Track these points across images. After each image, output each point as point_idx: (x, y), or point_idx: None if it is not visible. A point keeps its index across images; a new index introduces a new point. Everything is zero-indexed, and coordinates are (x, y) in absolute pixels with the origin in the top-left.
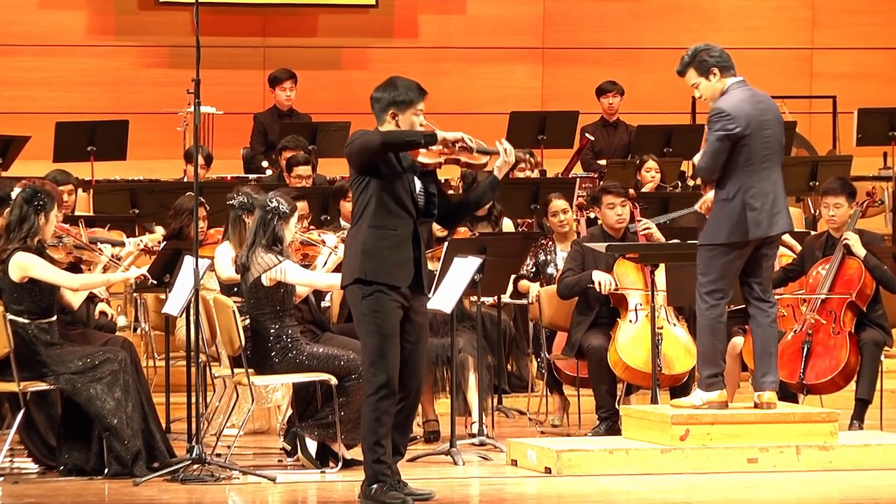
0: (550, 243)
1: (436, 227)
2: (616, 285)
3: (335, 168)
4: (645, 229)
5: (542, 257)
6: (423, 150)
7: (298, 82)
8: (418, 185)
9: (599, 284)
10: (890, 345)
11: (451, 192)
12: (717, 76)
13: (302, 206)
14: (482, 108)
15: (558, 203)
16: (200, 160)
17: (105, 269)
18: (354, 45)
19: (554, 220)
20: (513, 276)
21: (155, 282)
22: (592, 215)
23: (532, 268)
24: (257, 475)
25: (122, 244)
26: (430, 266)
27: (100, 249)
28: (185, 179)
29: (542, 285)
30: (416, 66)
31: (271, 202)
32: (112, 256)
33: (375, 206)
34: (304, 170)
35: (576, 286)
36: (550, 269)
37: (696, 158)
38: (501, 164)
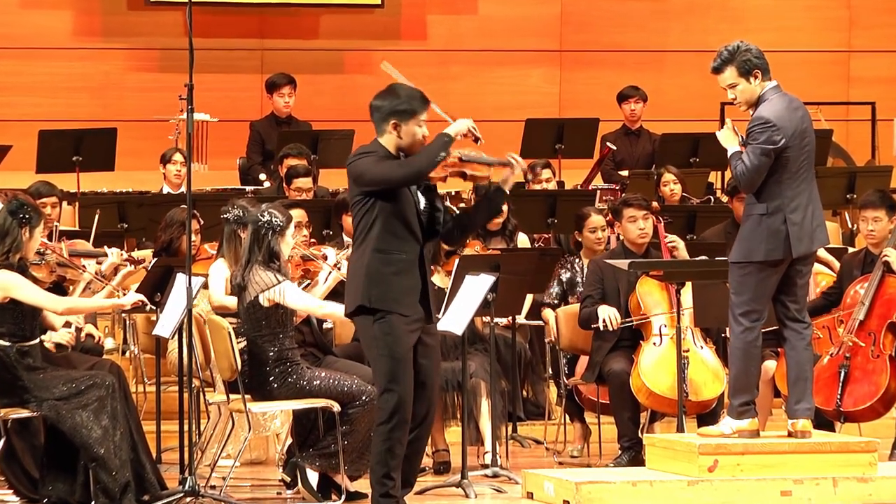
0: (577, 260)
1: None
2: (620, 319)
3: (337, 180)
4: (671, 244)
5: (566, 275)
6: None
7: (298, 87)
8: (422, 200)
9: (605, 322)
10: None
11: (462, 205)
12: (758, 79)
13: (298, 213)
14: (495, 116)
15: (597, 219)
16: (181, 160)
17: (87, 287)
18: (358, 47)
19: (591, 237)
20: (531, 297)
21: (153, 306)
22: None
23: (557, 292)
24: None
25: (104, 255)
26: (440, 282)
27: (83, 266)
28: (165, 187)
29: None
30: (425, 69)
31: (262, 216)
32: (96, 273)
33: (381, 229)
34: (304, 182)
35: (588, 321)
36: (581, 289)
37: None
38: (510, 176)
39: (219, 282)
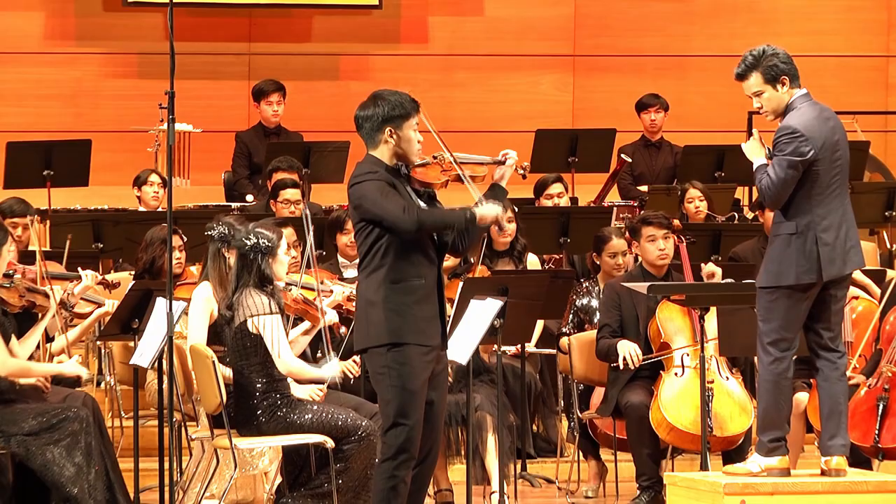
0: (593, 284)
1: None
2: (641, 356)
3: (331, 195)
4: (709, 273)
5: (583, 300)
6: (419, 169)
7: (288, 95)
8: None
9: (625, 360)
10: None
11: None
12: (786, 86)
13: (287, 233)
14: (503, 126)
15: (619, 243)
16: (157, 181)
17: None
18: (354, 51)
19: (610, 262)
20: (541, 323)
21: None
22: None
23: (573, 322)
24: None
25: (78, 278)
26: None
27: (50, 291)
28: (141, 208)
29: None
30: (426, 76)
31: (248, 239)
32: (60, 303)
33: (393, 256)
34: (292, 193)
35: (607, 357)
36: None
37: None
38: (506, 171)
39: (200, 316)
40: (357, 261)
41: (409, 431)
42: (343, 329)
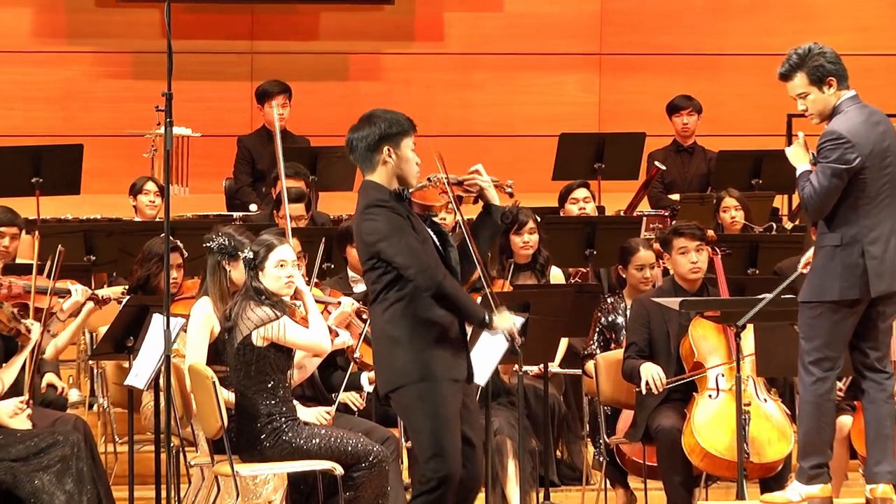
0: (619, 300)
1: None
2: (665, 380)
3: (340, 204)
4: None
5: (609, 318)
6: (417, 193)
7: (294, 97)
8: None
9: (648, 384)
10: None
11: None
12: (833, 88)
13: (292, 243)
14: (524, 130)
15: (646, 255)
16: (154, 190)
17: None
18: (364, 50)
19: (637, 275)
20: (565, 341)
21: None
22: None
23: (599, 340)
24: None
25: (67, 292)
26: None
27: (33, 326)
28: (137, 218)
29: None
30: (441, 76)
31: (247, 251)
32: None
33: (410, 290)
34: (295, 209)
35: (632, 378)
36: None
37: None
38: (486, 188)
39: (199, 333)
40: None
41: (449, 461)
42: (358, 354)
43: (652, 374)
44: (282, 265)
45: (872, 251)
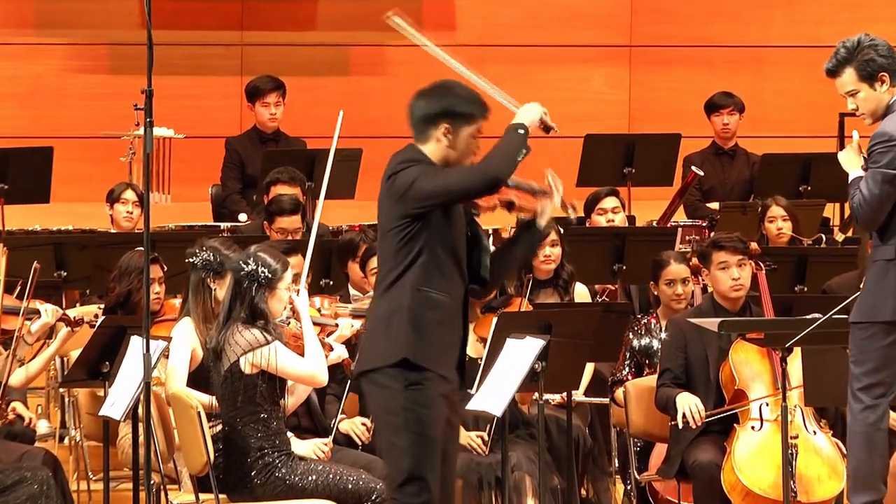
0: (654, 322)
1: None
2: (703, 413)
3: (340, 214)
4: None
5: (642, 341)
6: None
7: (288, 94)
8: None
9: (685, 418)
10: None
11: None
12: (885, 84)
13: (296, 262)
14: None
15: (677, 268)
16: (133, 199)
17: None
18: (366, 41)
19: (667, 291)
20: (591, 367)
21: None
22: None
23: (630, 366)
24: None
25: (36, 312)
26: (471, 349)
27: None
28: (114, 230)
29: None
30: (453, 71)
31: (246, 265)
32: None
33: (425, 261)
34: (290, 222)
35: (666, 409)
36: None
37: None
38: (547, 207)
39: (181, 358)
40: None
41: (429, 489)
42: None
43: (689, 405)
44: (295, 280)
45: None
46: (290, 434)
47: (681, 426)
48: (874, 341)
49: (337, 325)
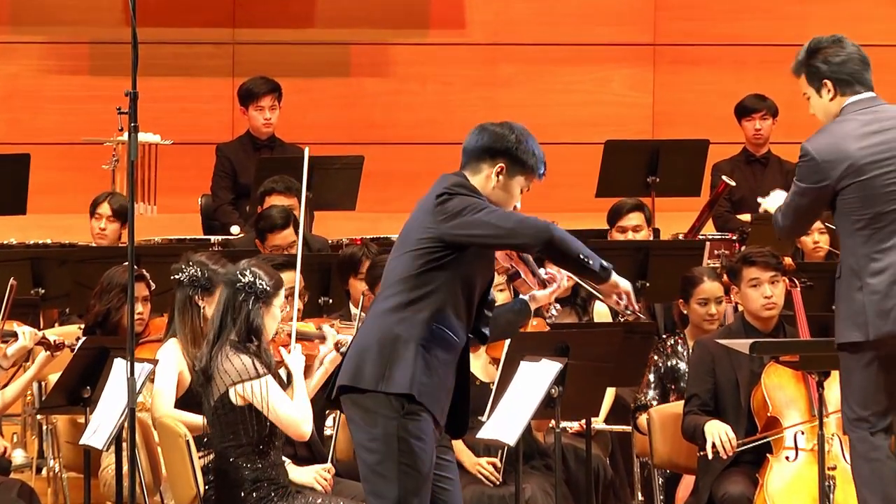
0: (681, 343)
1: None
2: (735, 443)
3: (340, 226)
4: None
5: (668, 363)
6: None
7: (284, 97)
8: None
9: (714, 448)
10: None
11: None
12: (830, 93)
13: (290, 279)
14: (562, 136)
15: (711, 287)
16: (107, 214)
17: None
18: (369, 39)
19: (700, 311)
20: (612, 391)
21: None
22: None
23: (656, 389)
24: None
25: (13, 335)
26: (482, 373)
27: None
28: (93, 244)
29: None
30: (463, 71)
31: (242, 276)
32: None
33: (443, 297)
34: (283, 237)
35: (693, 438)
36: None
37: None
38: (545, 295)
39: (168, 382)
40: None
41: None
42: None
43: (720, 434)
44: (287, 299)
45: (873, 284)
46: (287, 461)
47: (710, 456)
48: (847, 370)
49: (324, 338)
